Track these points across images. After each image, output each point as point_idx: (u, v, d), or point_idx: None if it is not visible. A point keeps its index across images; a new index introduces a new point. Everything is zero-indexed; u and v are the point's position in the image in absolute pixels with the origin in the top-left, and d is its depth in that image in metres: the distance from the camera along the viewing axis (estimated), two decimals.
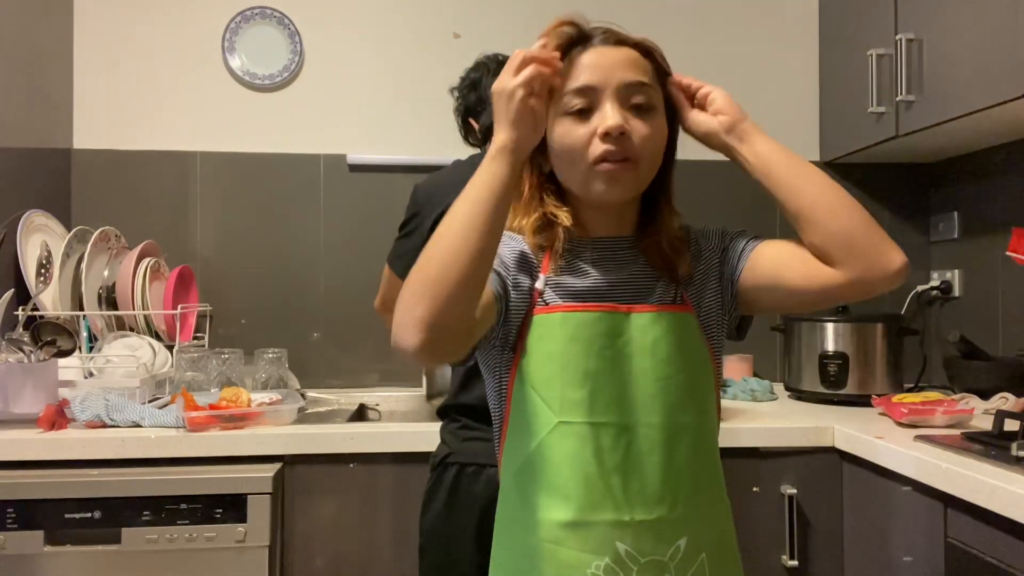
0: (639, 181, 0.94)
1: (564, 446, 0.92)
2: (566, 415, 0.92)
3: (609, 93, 0.91)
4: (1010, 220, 1.94)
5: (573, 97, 0.92)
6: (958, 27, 1.71)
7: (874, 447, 1.47)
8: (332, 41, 2.28)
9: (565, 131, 0.93)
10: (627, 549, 0.90)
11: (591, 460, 0.91)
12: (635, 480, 0.91)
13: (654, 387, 0.93)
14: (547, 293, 0.96)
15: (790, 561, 1.56)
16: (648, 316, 0.95)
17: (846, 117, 2.18)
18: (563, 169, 0.96)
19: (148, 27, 2.23)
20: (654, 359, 0.94)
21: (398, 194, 2.28)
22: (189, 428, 1.54)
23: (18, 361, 1.62)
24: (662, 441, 0.92)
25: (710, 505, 0.96)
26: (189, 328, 2.13)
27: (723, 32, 2.35)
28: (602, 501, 0.91)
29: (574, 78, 0.93)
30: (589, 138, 0.91)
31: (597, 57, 0.93)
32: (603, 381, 0.92)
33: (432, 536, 1.35)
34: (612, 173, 0.91)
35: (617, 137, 0.89)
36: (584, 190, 0.95)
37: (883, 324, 1.96)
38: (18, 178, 1.96)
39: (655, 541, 0.90)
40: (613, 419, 0.92)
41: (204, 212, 2.24)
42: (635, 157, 0.91)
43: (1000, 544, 1.16)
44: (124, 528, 1.46)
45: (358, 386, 2.23)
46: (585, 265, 0.98)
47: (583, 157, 0.92)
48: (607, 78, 0.92)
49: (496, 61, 1.66)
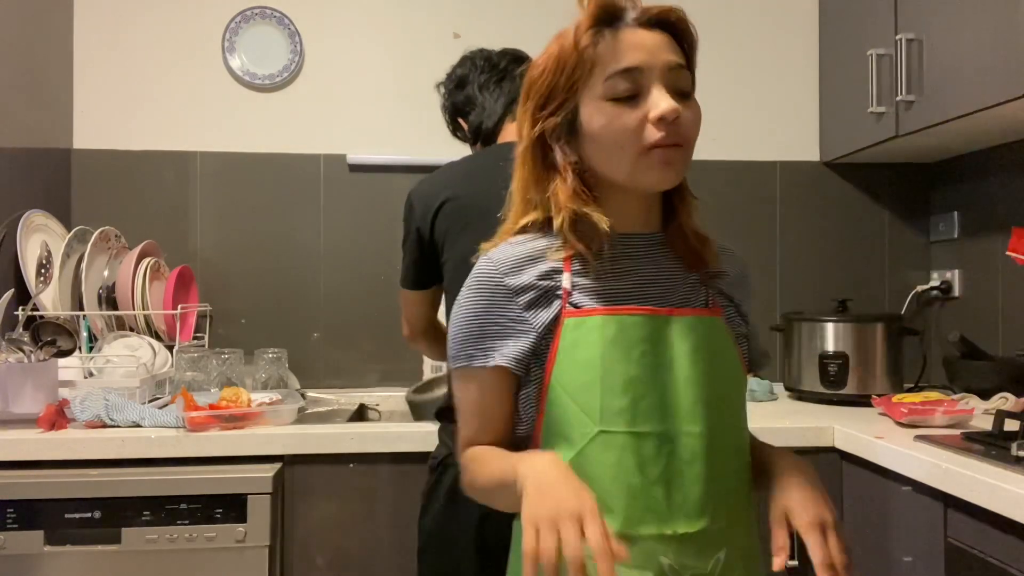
0: (687, 166, 0.90)
1: (606, 457, 0.87)
2: (607, 424, 0.87)
3: (656, 76, 0.87)
4: (1010, 220, 1.94)
5: (619, 80, 0.87)
6: (958, 27, 1.71)
7: (874, 447, 1.47)
8: (332, 41, 2.28)
9: (612, 117, 0.87)
10: (670, 563, 0.86)
11: (634, 471, 0.87)
12: (677, 492, 0.88)
13: (695, 395, 0.89)
14: (576, 294, 0.91)
15: (790, 561, 1.56)
16: (688, 320, 0.92)
17: (846, 117, 2.18)
18: (608, 158, 0.89)
19: (148, 27, 2.23)
20: (694, 366, 0.90)
21: (398, 194, 2.27)
22: (189, 428, 1.54)
23: (18, 361, 1.62)
24: (703, 451, 0.89)
25: (746, 514, 0.94)
26: (189, 328, 2.13)
27: (723, 32, 2.35)
28: (646, 514, 0.87)
29: (616, 59, 0.87)
30: (640, 123, 0.86)
31: (639, 38, 0.88)
32: (644, 388, 0.88)
33: (432, 538, 1.35)
34: (666, 158, 0.87)
35: (671, 122, 0.86)
36: (632, 178, 0.89)
37: (883, 324, 1.96)
38: (18, 178, 1.96)
39: (697, 555, 0.87)
40: (655, 428, 0.88)
41: (204, 212, 2.24)
42: (686, 142, 0.88)
43: (1000, 544, 1.16)
44: (124, 528, 1.46)
45: (358, 386, 2.23)
46: (616, 265, 0.93)
47: (634, 144, 0.87)
48: (653, 60, 0.87)
49: (483, 56, 1.59)
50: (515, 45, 1.62)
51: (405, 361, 2.22)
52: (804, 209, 2.33)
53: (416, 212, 1.45)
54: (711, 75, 2.43)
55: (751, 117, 2.35)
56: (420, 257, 1.45)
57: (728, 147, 2.31)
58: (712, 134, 2.31)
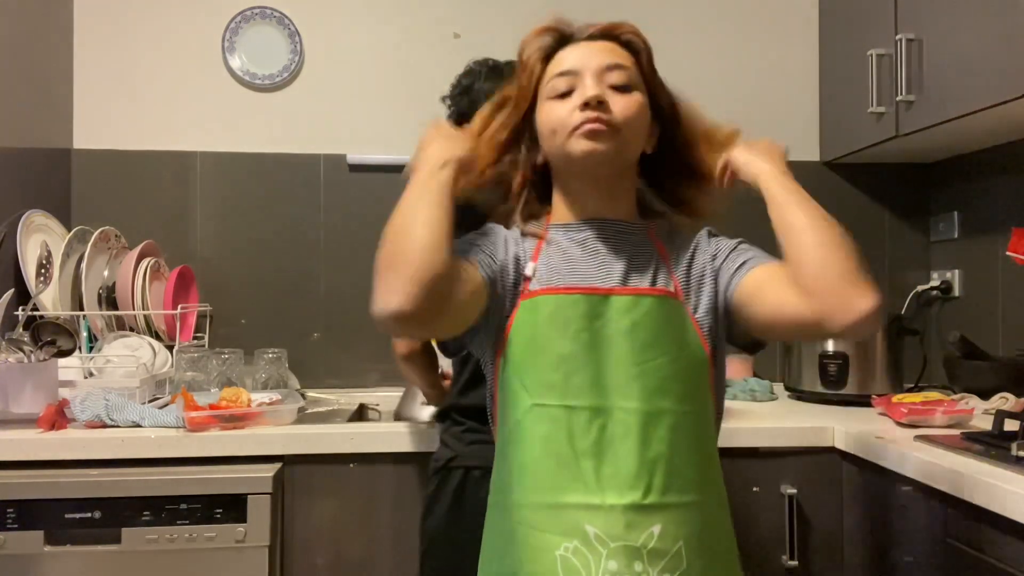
0: (620, 146, 0.97)
1: (537, 429, 0.93)
2: (540, 398, 0.93)
3: (589, 73, 0.97)
4: (1010, 220, 1.94)
5: (558, 81, 0.99)
6: (958, 27, 1.71)
7: (874, 447, 1.47)
8: (332, 41, 2.28)
9: (549, 110, 0.99)
10: (596, 532, 0.89)
11: (563, 442, 0.92)
12: (608, 464, 0.91)
13: (631, 371, 0.93)
14: (534, 280, 0.99)
15: (790, 561, 1.56)
16: (627, 299, 0.95)
17: (846, 117, 2.18)
18: (550, 146, 1.00)
19: (148, 27, 2.23)
20: (632, 343, 0.93)
21: (398, 194, 2.27)
22: (189, 428, 1.54)
23: (18, 361, 1.62)
24: (638, 426, 0.91)
25: (693, 493, 0.94)
26: (189, 328, 2.13)
27: (723, 32, 2.35)
28: (573, 483, 0.91)
29: (557, 66, 1.00)
30: (572, 111, 0.96)
31: (579, 49, 1.01)
32: (578, 364, 0.93)
33: (436, 541, 1.34)
34: (590, 132, 0.95)
35: (596, 106, 0.94)
36: (567, 157, 0.98)
37: (883, 324, 1.96)
38: (18, 178, 1.96)
39: (626, 526, 0.90)
40: (588, 402, 0.92)
41: (204, 212, 2.24)
42: (614, 125, 0.95)
43: (1000, 544, 1.15)
44: (124, 528, 1.46)
45: (358, 386, 2.22)
46: (574, 247, 1.01)
47: (565, 127, 0.96)
48: (586, 62, 0.98)
49: (487, 66, 1.61)
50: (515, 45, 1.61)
51: None
52: None
53: None
54: (711, 75, 2.45)
55: (751, 117, 2.33)
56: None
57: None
58: None
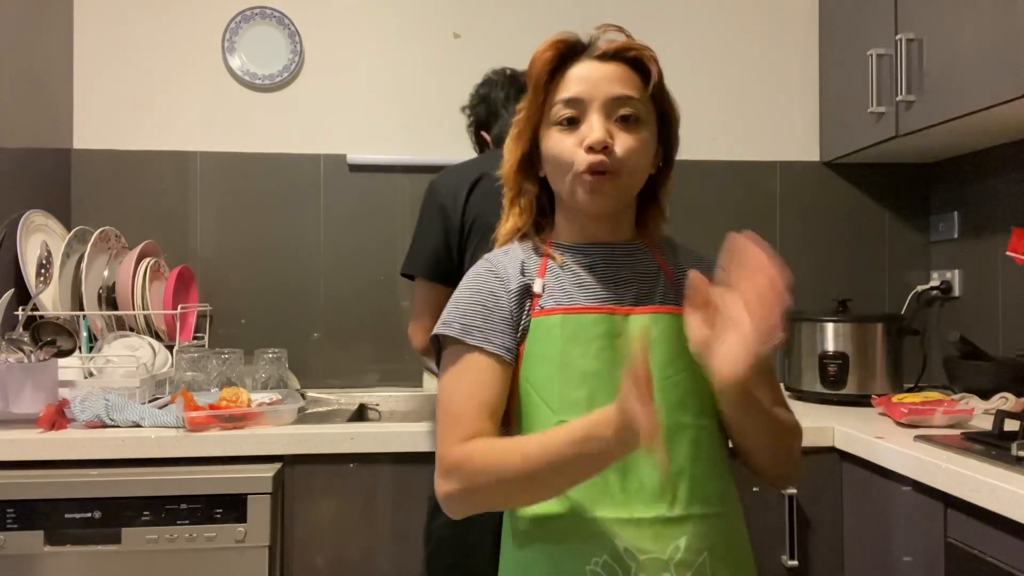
0: (621, 192, 0.98)
1: None
2: (565, 414, 0.93)
3: (596, 106, 0.95)
4: (1010, 220, 1.94)
5: (562, 108, 0.96)
6: (958, 27, 1.71)
7: (874, 447, 1.47)
8: (332, 41, 2.28)
9: (554, 141, 0.97)
10: (626, 546, 0.90)
11: None
12: (634, 479, 0.92)
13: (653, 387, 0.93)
14: (544, 297, 0.99)
15: (790, 561, 1.56)
16: (646, 317, 0.97)
17: (846, 117, 2.18)
18: (554, 178, 1.00)
19: (148, 27, 2.23)
20: (652, 360, 0.93)
21: (398, 194, 2.29)
22: (189, 428, 1.54)
23: (18, 361, 1.62)
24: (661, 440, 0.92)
25: (716, 505, 0.96)
26: (189, 328, 2.13)
27: (723, 32, 2.35)
28: (600, 498, 0.92)
29: (564, 89, 0.97)
30: (575, 149, 0.95)
31: (587, 70, 0.96)
32: (601, 381, 0.94)
33: (443, 544, 1.33)
34: (594, 185, 0.94)
35: (600, 150, 0.93)
36: (571, 199, 0.98)
37: (883, 324, 1.96)
38: (18, 178, 1.96)
39: (654, 539, 0.91)
40: None
41: (204, 212, 2.24)
42: (616, 170, 0.95)
43: (1000, 544, 1.16)
44: (124, 528, 1.46)
45: (358, 386, 2.23)
46: (583, 270, 1.01)
47: (569, 167, 0.95)
48: (594, 92, 0.95)
49: (504, 75, 1.64)
50: (515, 45, 1.63)
51: (405, 361, 2.22)
52: (804, 209, 2.33)
53: (442, 192, 1.43)
54: (711, 75, 2.45)
55: (751, 117, 2.35)
56: (445, 241, 1.41)
57: (728, 147, 2.31)
58: (712, 134, 2.34)
